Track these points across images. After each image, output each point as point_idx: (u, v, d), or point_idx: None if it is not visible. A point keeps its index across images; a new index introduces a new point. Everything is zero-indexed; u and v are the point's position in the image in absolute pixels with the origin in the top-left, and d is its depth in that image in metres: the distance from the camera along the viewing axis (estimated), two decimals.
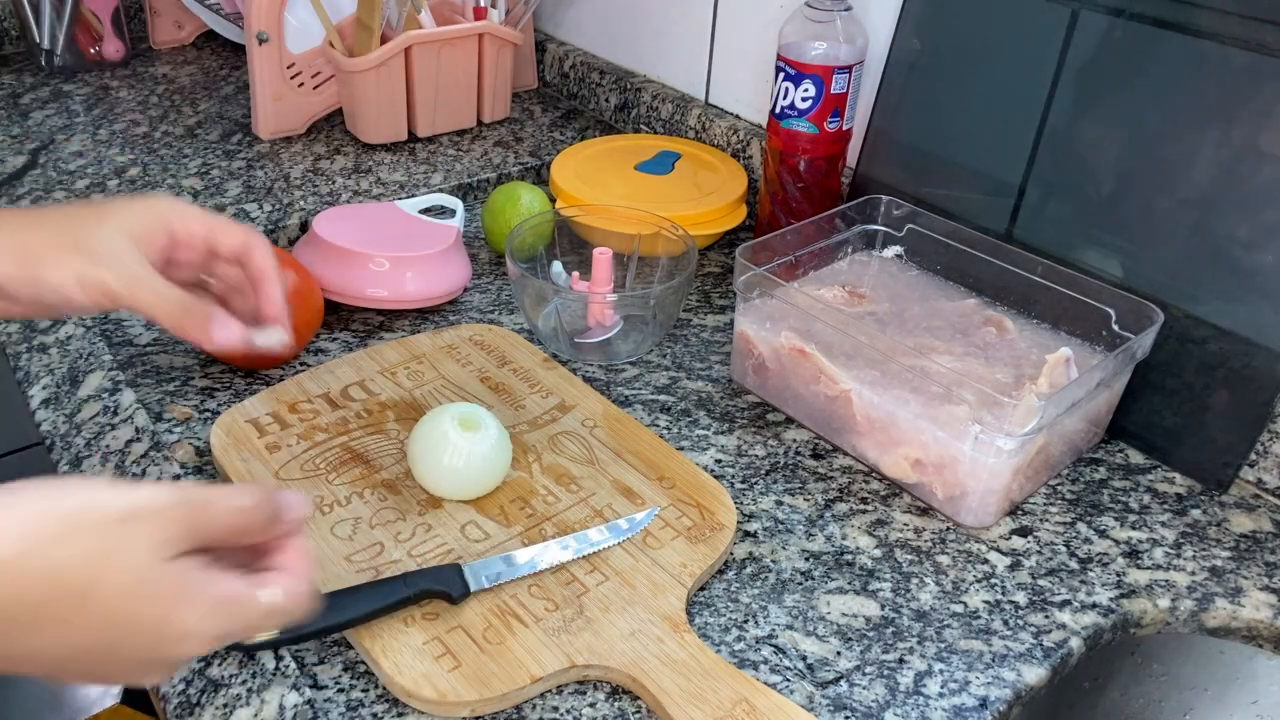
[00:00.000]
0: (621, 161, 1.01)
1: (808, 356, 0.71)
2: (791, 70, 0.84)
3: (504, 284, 0.91)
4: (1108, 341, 0.72)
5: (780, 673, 0.56)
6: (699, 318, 0.87)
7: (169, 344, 0.79)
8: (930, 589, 0.62)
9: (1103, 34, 0.72)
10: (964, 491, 0.65)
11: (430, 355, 0.77)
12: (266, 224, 0.94)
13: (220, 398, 0.74)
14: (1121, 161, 0.72)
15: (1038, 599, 0.61)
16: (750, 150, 1.03)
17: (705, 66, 1.10)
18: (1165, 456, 0.73)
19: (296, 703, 0.50)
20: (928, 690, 0.55)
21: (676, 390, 0.78)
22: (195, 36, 1.38)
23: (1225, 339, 0.68)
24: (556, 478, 0.66)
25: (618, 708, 0.53)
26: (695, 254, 0.80)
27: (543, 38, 1.31)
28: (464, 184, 1.05)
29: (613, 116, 1.21)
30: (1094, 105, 0.73)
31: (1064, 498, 0.69)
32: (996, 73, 0.79)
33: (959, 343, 0.74)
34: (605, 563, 0.60)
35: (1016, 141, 0.78)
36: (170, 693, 0.50)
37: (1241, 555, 0.66)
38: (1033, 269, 0.75)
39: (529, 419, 0.71)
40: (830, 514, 0.67)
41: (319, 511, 0.62)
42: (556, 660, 0.54)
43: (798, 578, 0.62)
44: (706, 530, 0.62)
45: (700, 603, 0.60)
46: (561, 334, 0.80)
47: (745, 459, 0.71)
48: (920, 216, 0.82)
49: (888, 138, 0.87)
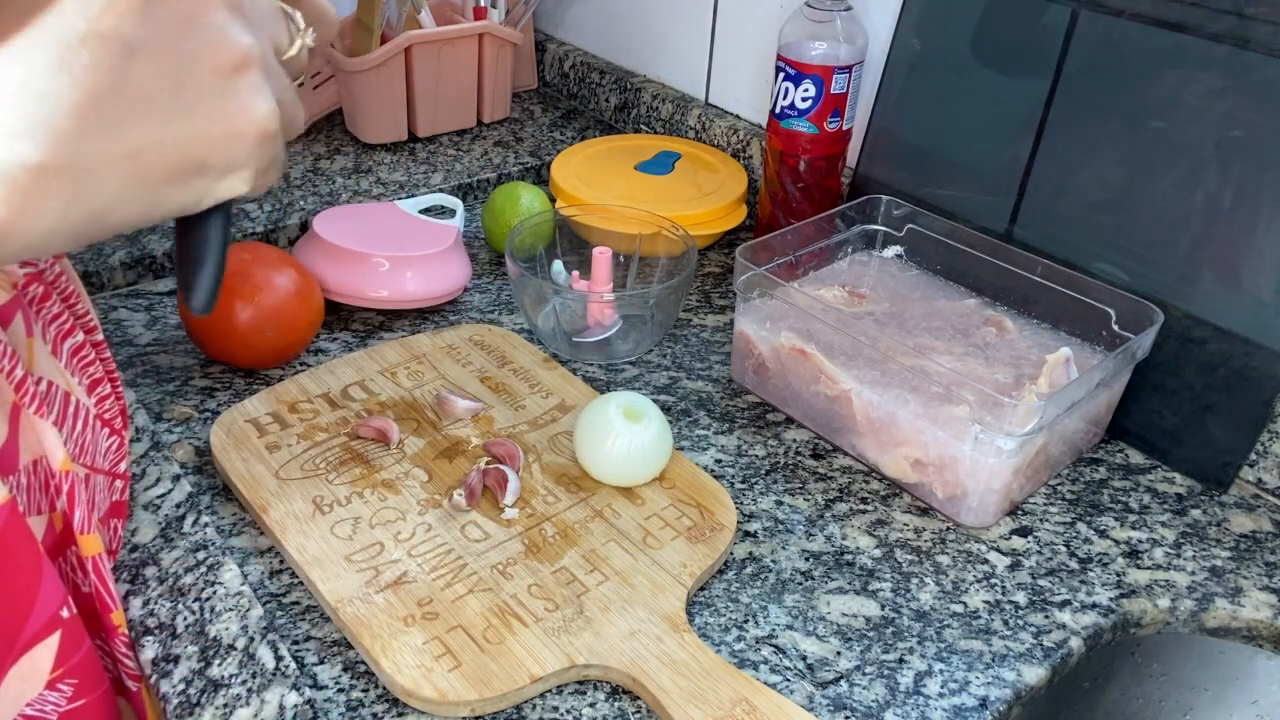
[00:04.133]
0: (621, 161, 1.01)
1: (808, 356, 0.71)
2: (791, 70, 0.84)
3: (504, 284, 0.91)
4: (1108, 341, 0.72)
5: (780, 673, 0.56)
6: (699, 318, 0.87)
7: (169, 344, 0.79)
8: (930, 589, 0.62)
9: (1103, 34, 0.72)
10: (964, 491, 0.65)
11: (430, 355, 0.77)
12: (266, 224, 0.94)
13: (220, 398, 0.74)
14: (1121, 161, 0.72)
15: (1038, 599, 0.61)
16: (750, 150, 1.03)
17: (705, 66, 1.10)
18: (1165, 456, 0.73)
19: (296, 703, 0.50)
20: (928, 690, 0.55)
21: (676, 390, 0.78)
22: None
23: (1225, 339, 0.68)
24: (556, 478, 0.66)
25: (618, 708, 0.53)
26: (695, 254, 0.80)
27: (543, 38, 1.31)
28: (464, 184, 1.05)
29: (613, 116, 1.21)
30: (1094, 105, 0.73)
31: (1064, 498, 0.69)
32: (996, 72, 0.79)
33: (959, 343, 0.74)
34: (605, 563, 0.60)
35: (1016, 141, 0.78)
36: (170, 693, 0.50)
37: (1241, 555, 0.66)
38: (1033, 269, 0.75)
39: (529, 419, 0.71)
40: (830, 514, 0.67)
41: (319, 511, 0.62)
42: (556, 660, 0.54)
43: (798, 578, 0.62)
44: (706, 530, 0.62)
45: (700, 603, 0.60)
46: (560, 333, 0.80)
47: (745, 459, 0.71)
48: (920, 216, 0.82)
49: (888, 138, 0.87)
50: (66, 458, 0.48)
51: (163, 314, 0.83)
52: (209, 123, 0.35)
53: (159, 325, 0.81)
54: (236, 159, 0.36)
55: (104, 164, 0.33)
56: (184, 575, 0.56)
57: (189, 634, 0.53)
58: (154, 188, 0.34)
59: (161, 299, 0.85)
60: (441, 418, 0.71)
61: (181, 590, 0.55)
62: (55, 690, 0.48)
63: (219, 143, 0.35)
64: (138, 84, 0.33)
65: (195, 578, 0.56)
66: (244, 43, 0.35)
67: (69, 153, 0.32)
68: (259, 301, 0.72)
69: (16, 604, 0.45)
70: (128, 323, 0.82)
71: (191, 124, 0.34)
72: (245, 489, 0.63)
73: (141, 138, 0.33)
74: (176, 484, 0.62)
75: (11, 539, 0.44)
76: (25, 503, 0.48)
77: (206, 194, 0.37)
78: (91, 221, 0.33)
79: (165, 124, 0.34)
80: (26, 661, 0.46)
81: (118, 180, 0.33)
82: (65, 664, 0.48)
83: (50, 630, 0.47)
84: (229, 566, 0.57)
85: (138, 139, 0.33)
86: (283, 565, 0.61)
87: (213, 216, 0.40)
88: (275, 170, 0.39)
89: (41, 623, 0.46)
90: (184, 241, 0.40)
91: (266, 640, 0.53)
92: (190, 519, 0.59)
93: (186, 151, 0.35)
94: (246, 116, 0.36)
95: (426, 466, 0.66)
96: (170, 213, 0.36)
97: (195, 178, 0.35)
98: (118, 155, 0.33)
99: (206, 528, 0.59)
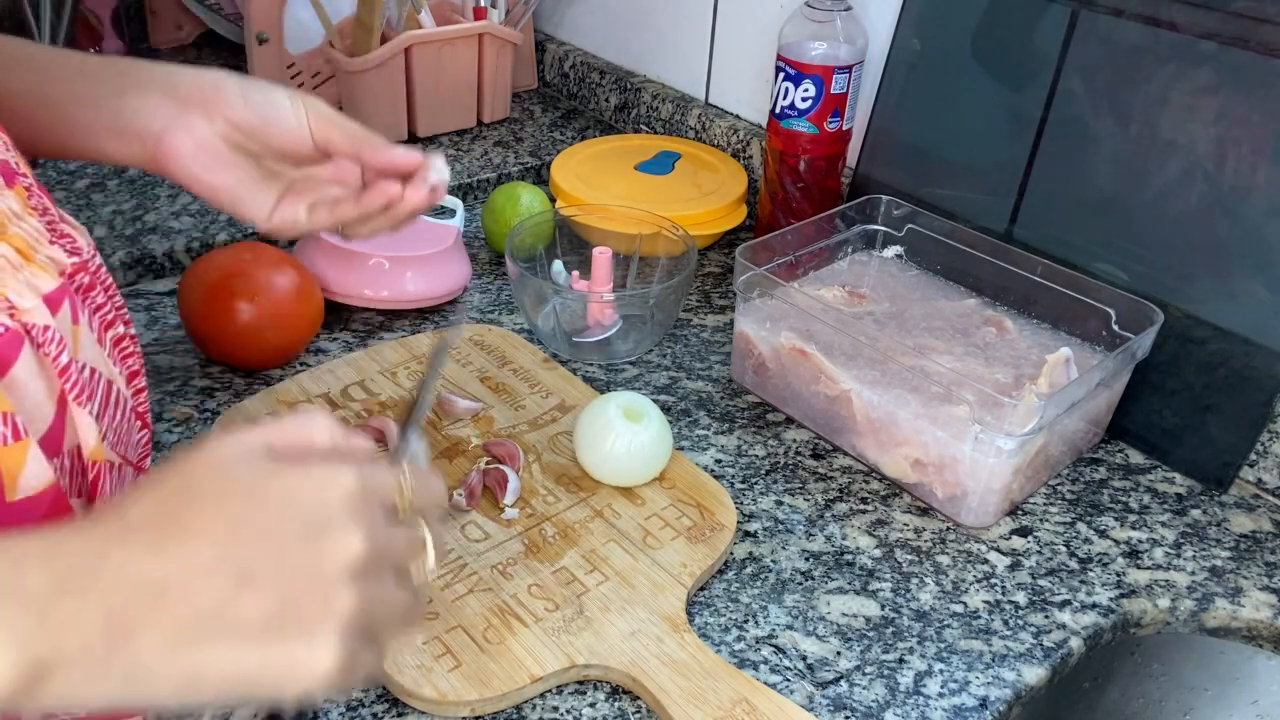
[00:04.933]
0: (621, 161, 1.01)
1: (808, 356, 0.71)
2: (791, 70, 0.84)
3: (504, 284, 0.91)
4: (1108, 341, 0.72)
5: (780, 673, 0.56)
6: (699, 318, 0.87)
7: (169, 344, 0.79)
8: (930, 589, 0.62)
9: (1103, 34, 0.72)
10: (964, 491, 0.65)
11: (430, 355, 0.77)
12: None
13: (220, 398, 0.74)
14: (1121, 161, 0.72)
15: (1038, 599, 0.61)
16: (750, 150, 1.03)
17: (705, 66, 1.10)
18: (1165, 456, 0.73)
19: None
20: (928, 690, 0.55)
21: (676, 390, 0.78)
22: (195, 37, 1.38)
23: (1225, 339, 0.68)
24: (556, 478, 0.66)
25: (618, 708, 0.53)
26: (695, 254, 0.80)
27: (543, 38, 1.31)
28: (464, 184, 1.05)
29: (613, 116, 1.21)
30: (1094, 105, 0.73)
31: (1064, 498, 0.69)
32: (996, 73, 0.79)
33: (959, 343, 0.74)
34: (605, 563, 0.60)
35: (1016, 141, 0.78)
36: None
37: (1241, 555, 0.66)
38: (1033, 269, 0.75)
39: (529, 419, 0.71)
40: (830, 514, 0.67)
41: None
42: (556, 660, 0.54)
43: (798, 578, 0.62)
44: (706, 530, 0.62)
45: (700, 603, 0.60)
46: (560, 333, 0.80)
47: (745, 459, 0.71)
48: (920, 216, 0.82)
49: (888, 138, 0.87)
50: (97, 446, 0.48)
51: (163, 314, 0.83)
52: (271, 664, 0.34)
53: (159, 325, 0.81)
54: (283, 697, 0.36)
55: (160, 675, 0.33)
56: None
57: None
58: (196, 699, 0.35)
59: (161, 299, 0.85)
60: (441, 418, 0.71)
61: None
62: None
63: (270, 683, 0.35)
64: (237, 614, 0.33)
65: None
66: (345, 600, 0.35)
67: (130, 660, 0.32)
68: (259, 301, 0.72)
69: None
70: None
71: (256, 662, 0.34)
72: None
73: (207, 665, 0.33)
74: None
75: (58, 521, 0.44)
76: (67, 486, 0.48)
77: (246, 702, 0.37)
78: (125, 701, 0.34)
79: (233, 658, 0.34)
80: None
81: (166, 689, 0.34)
82: None
83: None
84: None
85: (203, 664, 0.33)
86: None
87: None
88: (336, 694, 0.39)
89: None
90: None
91: None
92: None
93: (239, 683, 0.35)
94: (307, 667, 0.35)
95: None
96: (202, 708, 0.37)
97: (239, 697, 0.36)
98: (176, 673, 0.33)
99: None
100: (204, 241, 0.90)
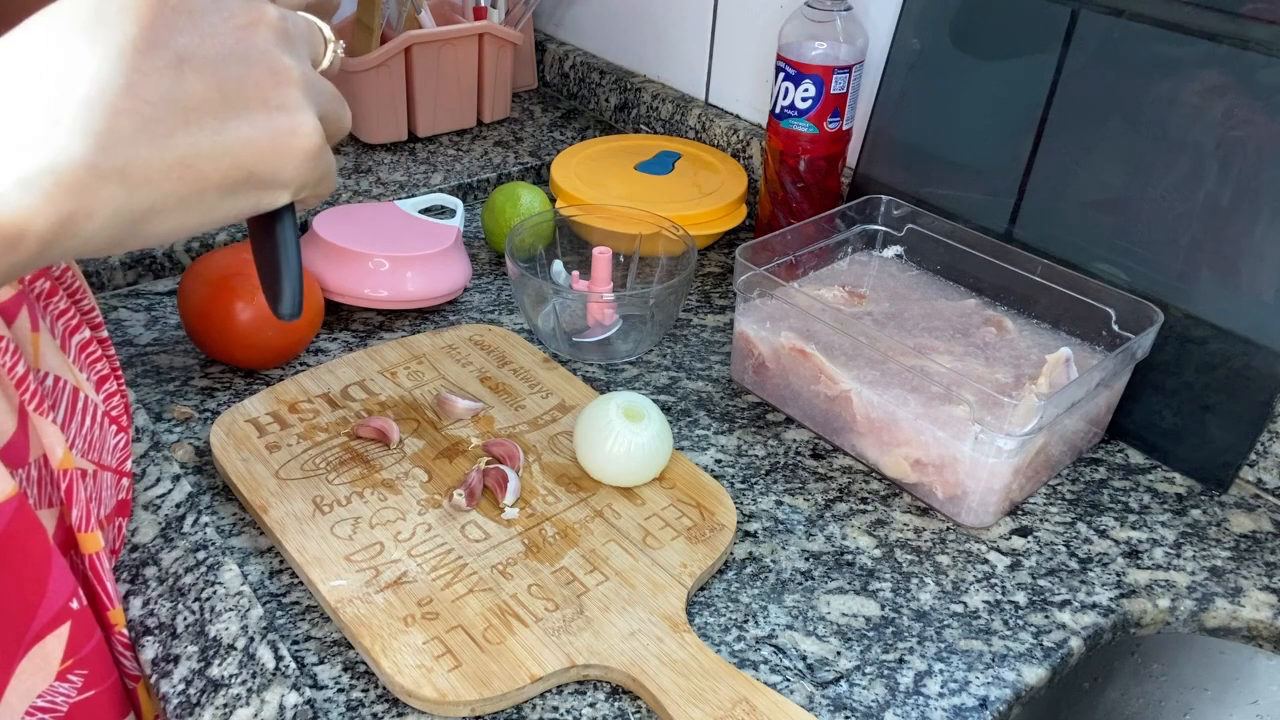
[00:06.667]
0: (621, 161, 1.01)
1: (808, 356, 0.71)
2: (791, 70, 0.84)
3: (504, 284, 0.91)
4: (1108, 341, 0.72)
5: (780, 673, 0.56)
6: (699, 318, 0.87)
7: (169, 344, 0.79)
8: (930, 589, 0.62)
9: (1103, 34, 0.72)
10: (964, 491, 0.65)
11: (430, 355, 0.77)
12: None
13: (220, 398, 0.74)
14: (1121, 161, 0.72)
15: (1038, 599, 0.61)
16: (750, 150, 1.03)
17: (705, 66, 1.10)
18: (1165, 456, 0.73)
19: (296, 703, 0.50)
20: (928, 690, 0.55)
21: (676, 390, 0.78)
22: None
23: (1225, 339, 0.68)
24: (556, 478, 0.66)
25: (618, 708, 0.53)
26: (695, 254, 0.80)
27: (543, 38, 1.31)
28: (464, 184, 1.05)
29: (613, 116, 1.21)
30: (1094, 105, 0.73)
31: (1064, 498, 0.69)
32: (996, 73, 0.79)
33: (959, 343, 0.74)
34: (605, 563, 0.60)
35: (1016, 141, 0.78)
36: (170, 693, 0.50)
37: (1241, 555, 0.66)
38: (1033, 269, 0.75)
39: (529, 419, 0.71)
40: (830, 514, 0.67)
41: (319, 511, 0.62)
42: (556, 660, 0.54)
43: (798, 578, 0.62)
44: (706, 530, 0.62)
45: (700, 603, 0.60)
46: (560, 333, 0.80)
47: (745, 459, 0.71)
48: (920, 216, 0.82)
49: (888, 138, 0.87)
50: (66, 455, 0.48)
51: (163, 314, 0.83)
52: (256, 137, 0.36)
53: (159, 325, 0.81)
54: (283, 173, 0.37)
55: (154, 169, 0.34)
56: (184, 575, 0.56)
57: (189, 634, 0.53)
58: (202, 197, 0.36)
59: (161, 299, 0.85)
60: (441, 418, 0.71)
61: (181, 590, 0.55)
62: (65, 681, 0.48)
63: (265, 156, 0.37)
64: (187, 94, 0.34)
65: (195, 577, 0.56)
66: (286, 63, 0.37)
67: (120, 156, 0.33)
68: (259, 301, 0.72)
69: (26, 595, 0.45)
70: (128, 323, 0.82)
71: (239, 137, 0.36)
72: (245, 489, 0.63)
73: (191, 147, 0.35)
74: (176, 484, 0.62)
75: (20, 531, 0.44)
76: (36, 496, 0.48)
77: (256, 205, 0.38)
78: (138, 225, 0.34)
79: (214, 135, 0.35)
80: (37, 652, 0.46)
81: (167, 187, 0.34)
82: (75, 655, 0.48)
83: (60, 621, 0.47)
84: (229, 566, 0.57)
85: (187, 148, 0.34)
86: (283, 565, 0.61)
87: (280, 224, 0.41)
88: (327, 182, 0.40)
89: (51, 614, 0.46)
90: (260, 255, 0.42)
91: (266, 640, 0.53)
92: (190, 519, 0.59)
93: (234, 162, 0.36)
94: (292, 133, 0.37)
95: (426, 466, 0.66)
96: (217, 222, 0.37)
97: (243, 189, 0.37)
98: (168, 162, 0.34)
99: (206, 528, 0.59)
100: (204, 241, 0.90)
